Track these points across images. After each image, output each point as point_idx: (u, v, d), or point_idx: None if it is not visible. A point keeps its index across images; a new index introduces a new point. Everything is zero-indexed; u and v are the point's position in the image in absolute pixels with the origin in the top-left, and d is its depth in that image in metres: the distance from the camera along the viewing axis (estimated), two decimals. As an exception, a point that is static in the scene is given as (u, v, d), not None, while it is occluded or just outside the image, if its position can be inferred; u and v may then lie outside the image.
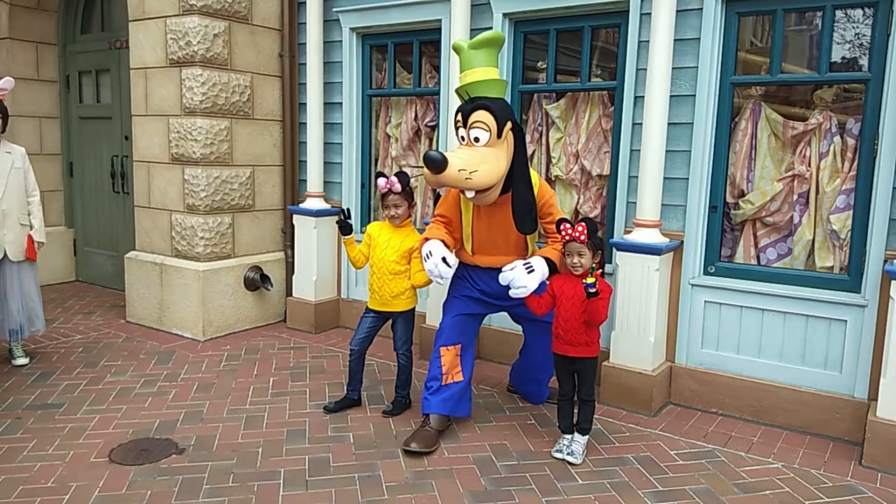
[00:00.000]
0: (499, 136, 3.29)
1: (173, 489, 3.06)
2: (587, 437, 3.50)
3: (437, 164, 3.11)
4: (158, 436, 3.60)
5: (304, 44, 5.45)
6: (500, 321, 4.66)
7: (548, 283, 3.46)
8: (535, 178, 3.51)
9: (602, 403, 4.04)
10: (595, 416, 3.61)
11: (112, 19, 6.37)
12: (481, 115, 3.28)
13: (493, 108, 3.28)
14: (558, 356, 3.48)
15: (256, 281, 5.49)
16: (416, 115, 5.35)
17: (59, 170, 6.95)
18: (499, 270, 3.40)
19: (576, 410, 3.52)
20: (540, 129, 4.81)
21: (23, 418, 3.76)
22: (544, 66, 4.64)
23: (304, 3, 5.37)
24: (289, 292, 5.72)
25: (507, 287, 3.34)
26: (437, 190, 4.29)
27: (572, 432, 3.51)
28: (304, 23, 5.42)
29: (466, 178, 3.20)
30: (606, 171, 4.50)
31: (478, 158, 3.24)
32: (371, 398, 4.16)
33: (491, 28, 4.36)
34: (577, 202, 4.71)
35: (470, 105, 3.32)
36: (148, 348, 5.03)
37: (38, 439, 3.51)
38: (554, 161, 4.75)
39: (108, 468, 3.24)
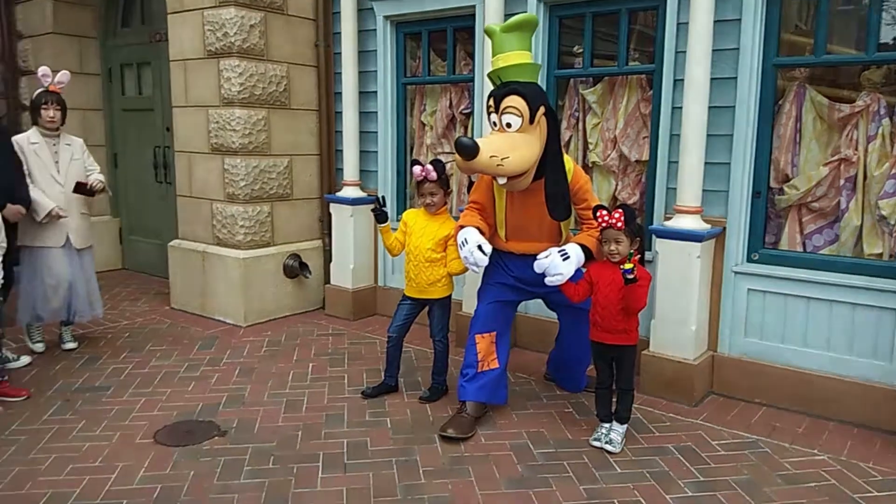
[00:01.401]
0: (531, 121, 3.26)
1: (215, 470, 3.13)
2: (626, 426, 3.47)
3: (468, 150, 3.10)
4: (201, 418, 3.69)
5: (339, 33, 5.47)
6: (536, 309, 4.63)
7: (584, 270, 3.42)
8: (570, 163, 3.47)
9: (642, 393, 3.99)
10: (634, 405, 3.57)
11: (152, 12, 6.49)
12: (513, 101, 3.24)
13: (526, 92, 3.25)
14: (596, 344, 3.45)
15: (295, 268, 5.57)
16: (450, 103, 5.33)
17: (103, 161, 7.12)
18: (533, 257, 3.37)
19: (614, 399, 3.49)
20: (576, 114, 4.75)
21: (72, 400, 3.89)
22: (580, 50, 4.57)
23: (339, -8, 5.40)
24: (327, 280, 5.78)
25: (543, 274, 3.32)
26: (470, 176, 4.28)
27: (611, 421, 3.48)
28: (339, 12, 5.43)
29: (498, 165, 3.18)
30: (645, 157, 4.42)
31: (510, 144, 3.21)
32: (408, 384, 4.19)
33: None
34: (616, 189, 4.64)
35: (502, 90, 3.29)
36: (191, 334, 5.15)
37: (86, 420, 3.63)
38: (591, 147, 4.69)
39: (153, 449, 3.33)
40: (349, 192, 5.52)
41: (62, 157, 4.48)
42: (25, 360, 4.41)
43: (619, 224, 3.19)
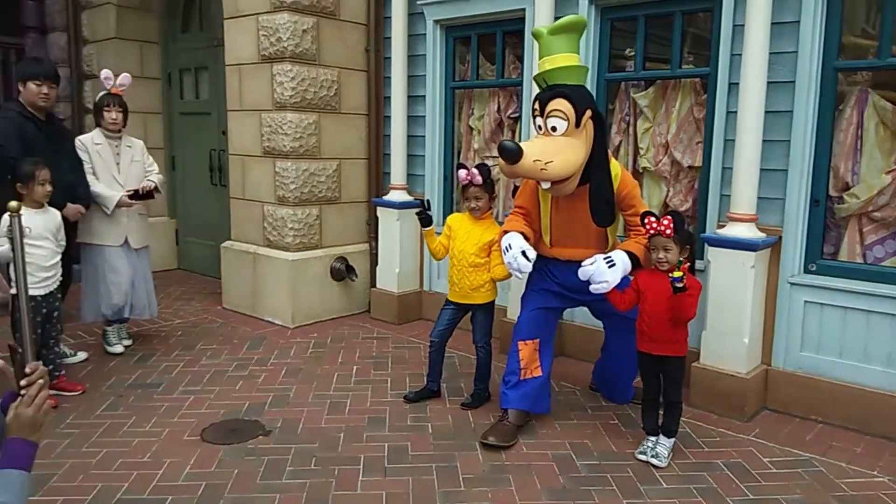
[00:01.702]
0: (577, 124, 3.20)
1: (259, 469, 3.18)
2: (673, 439, 3.37)
3: (511, 154, 3.06)
4: (247, 417, 3.75)
5: (389, 38, 5.50)
6: (582, 317, 4.56)
7: (631, 277, 3.35)
8: (617, 168, 3.40)
9: (691, 406, 3.88)
10: (683, 418, 3.46)
11: (210, 18, 6.66)
12: (559, 104, 3.19)
13: (572, 95, 3.19)
14: (643, 354, 3.36)
15: (342, 271, 5.63)
16: (498, 107, 5.30)
17: (162, 163, 7.33)
18: (578, 263, 3.31)
19: (661, 412, 3.40)
20: (627, 118, 4.66)
21: (124, 396, 4.02)
22: (632, 53, 4.49)
23: (390, -3, 5.43)
24: (373, 283, 5.82)
25: (587, 281, 3.26)
26: (514, 181, 4.25)
27: (657, 434, 3.38)
28: (390, 17, 5.47)
29: (541, 169, 3.13)
30: (698, 163, 4.30)
31: (554, 148, 3.17)
32: (450, 390, 4.17)
33: (577, 16, 4.25)
34: (667, 195, 4.53)
35: (547, 93, 3.24)
36: (241, 334, 5.25)
37: (137, 416, 3.73)
38: (642, 152, 4.59)
39: (199, 446, 3.40)
40: (396, 195, 5.55)
41: (123, 158, 4.63)
42: (82, 355, 4.58)
43: (668, 231, 3.11)
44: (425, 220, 3.85)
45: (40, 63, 4.48)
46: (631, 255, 3.30)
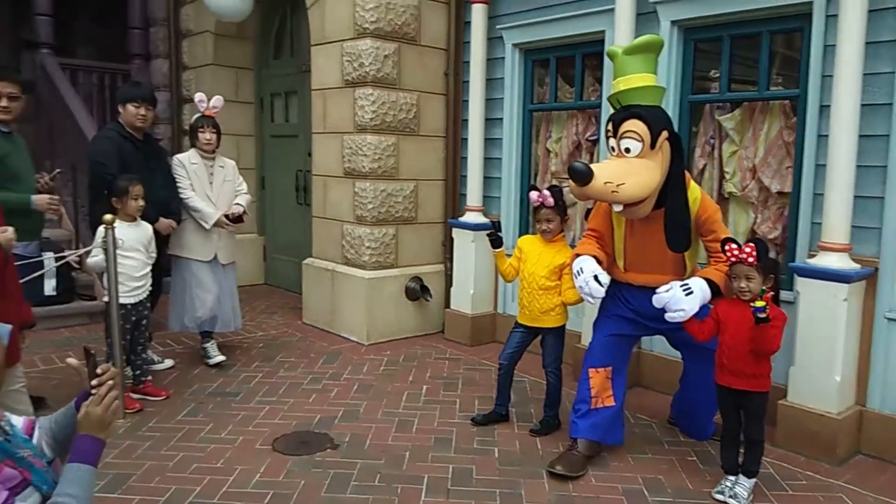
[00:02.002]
0: (652, 146, 3.11)
1: (324, 482, 3.23)
2: (754, 480, 3.17)
3: (581, 175, 3.00)
4: (318, 430, 3.82)
5: (468, 62, 5.57)
6: (661, 346, 4.39)
7: (711, 306, 3.20)
8: (696, 191, 3.27)
9: (776, 446, 3.65)
10: (767, 459, 3.27)
11: (300, 45, 6.96)
12: (633, 125, 3.11)
13: (647, 116, 3.11)
14: (722, 388, 3.20)
15: (417, 291, 5.68)
16: (576, 130, 5.25)
17: (252, 183, 7.68)
18: (653, 290, 3.19)
19: (742, 450, 3.21)
20: (712, 141, 4.50)
21: (204, 403, 4.18)
22: (717, 74, 4.34)
23: (470, 22, 5.50)
24: (447, 304, 5.84)
25: (663, 309, 3.14)
26: (585, 203, 4.18)
27: (737, 473, 3.20)
28: (469, 42, 5.54)
29: (613, 192, 3.06)
30: (788, 188, 4.09)
31: (627, 170, 3.08)
32: (520, 415, 4.11)
33: (659, 37, 4.16)
34: (754, 222, 4.32)
35: (622, 113, 3.17)
36: (318, 348, 5.38)
37: (214, 423, 3.88)
38: (728, 177, 4.41)
39: (270, 456, 3.49)
40: (472, 217, 5.57)
41: (216, 177, 4.82)
42: (168, 363, 4.81)
43: (751, 259, 2.97)
44: (496, 242, 3.84)
45: (139, 87, 4.80)
46: (710, 282, 3.16)
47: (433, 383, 4.65)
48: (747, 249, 2.97)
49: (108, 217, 3.73)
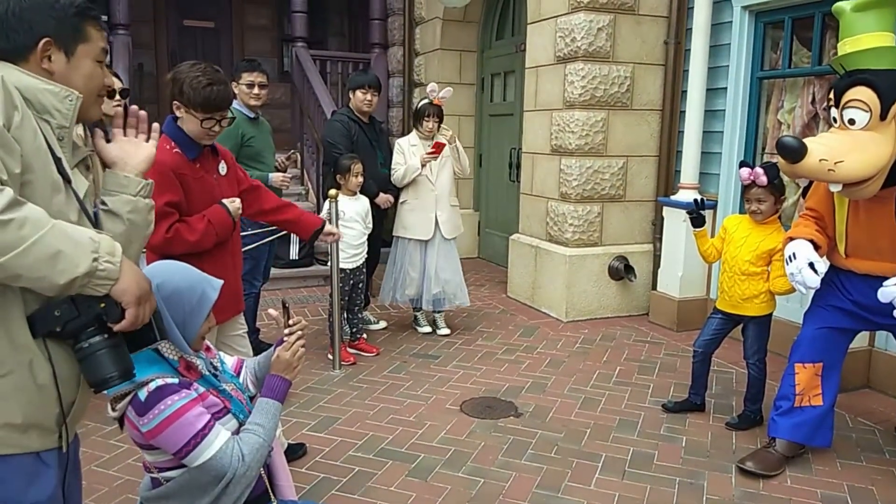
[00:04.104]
0: (882, 117, 2.68)
1: (503, 446, 3.36)
2: None
3: (791, 151, 2.68)
4: (504, 398, 3.97)
5: (690, 29, 5.22)
6: (898, 346, 3.80)
7: (954, 304, 2.70)
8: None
9: None
10: None
11: (521, 25, 7.06)
12: (859, 93, 2.70)
13: (877, 82, 2.67)
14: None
15: (620, 271, 5.54)
16: (812, 98, 4.66)
17: (471, 160, 8.03)
18: (880, 280, 2.77)
19: None
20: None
21: (407, 362, 4.55)
22: None
23: (694, -15, 5.15)
24: (654, 286, 5.61)
25: (891, 304, 2.72)
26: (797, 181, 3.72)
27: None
28: (692, 7, 5.19)
29: (829, 170, 2.69)
30: None
31: (848, 146, 2.69)
32: (718, 406, 3.85)
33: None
34: None
35: (846, 80, 2.75)
36: (517, 321, 5.53)
37: (413, 381, 4.21)
38: None
39: (457, 416, 3.72)
40: (685, 195, 5.24)
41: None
42: (382, 324, 5.29)
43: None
44: (697, 220, 3.61)
45: (366, 74, 5.27)
46: (954, 275, 2.67)
47: (628, 365, 4.53)
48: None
49: (332, 192, 4.21)
